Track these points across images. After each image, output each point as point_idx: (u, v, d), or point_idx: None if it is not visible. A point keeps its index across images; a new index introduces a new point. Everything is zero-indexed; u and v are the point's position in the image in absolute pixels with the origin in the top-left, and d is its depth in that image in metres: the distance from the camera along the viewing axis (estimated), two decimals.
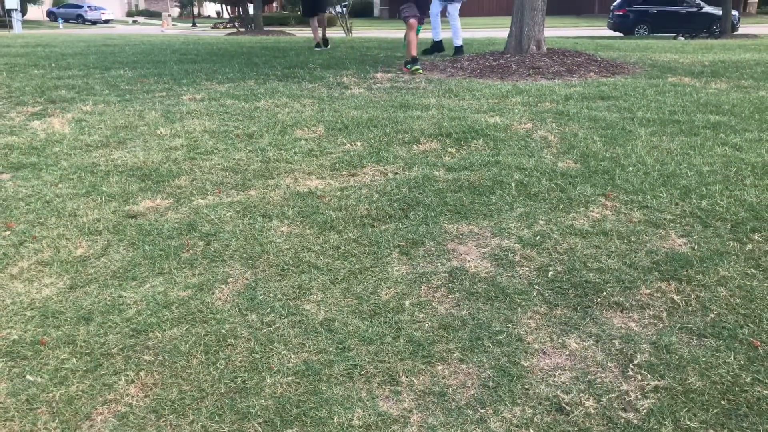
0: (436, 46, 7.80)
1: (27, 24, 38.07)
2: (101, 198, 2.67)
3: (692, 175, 2.71)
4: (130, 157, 3.16)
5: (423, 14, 6.29)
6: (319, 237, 2.28)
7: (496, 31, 12.40)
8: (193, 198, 2.66)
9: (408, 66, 6.02)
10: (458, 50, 7.37)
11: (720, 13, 22.17)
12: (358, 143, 3.36)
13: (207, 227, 2.37)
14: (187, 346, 1.67)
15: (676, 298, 1.83)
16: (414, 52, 6.05)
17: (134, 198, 2.67)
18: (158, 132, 3.63)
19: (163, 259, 2.14)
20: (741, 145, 3.12)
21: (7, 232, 2.37)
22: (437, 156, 3.13)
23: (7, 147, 3.38)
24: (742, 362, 1.55)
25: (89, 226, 2.40)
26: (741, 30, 23.16)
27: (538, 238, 2.22)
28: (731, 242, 2.13)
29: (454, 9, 7.26)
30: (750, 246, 2.10)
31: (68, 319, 1.81)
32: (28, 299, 1.92)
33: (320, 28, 9.00)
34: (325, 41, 9.09)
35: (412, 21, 6.05)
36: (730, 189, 2.55)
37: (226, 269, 2.07)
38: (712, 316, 1.74)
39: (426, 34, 7.88)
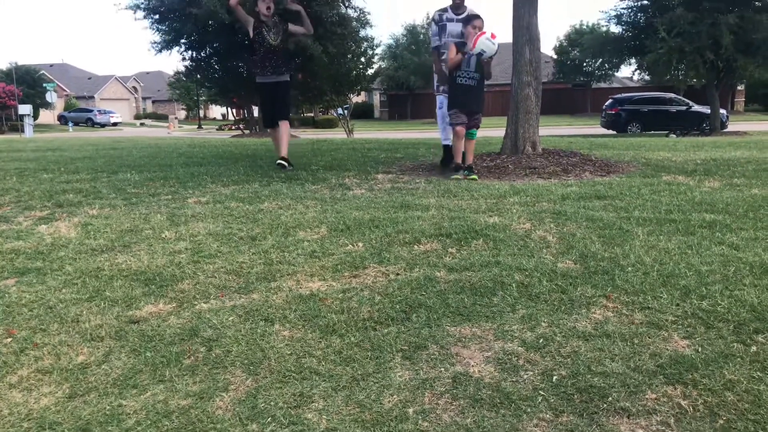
0: (449, 154, 6.50)
1: (38, 127, 39.38)
2: (104, 303, 2.68)
3: (691, 275, 2.74)
4: (135, 261, 3.20)
5: (473, 119, 5.99)
6: (321, 341, 2.28)
7: (492, 130, 12.79)
8: (195, 302, 2.67)
9: (464, 173, 5.86)
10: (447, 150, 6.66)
11: (708, 111, 22.97)
12: (360, 244, 3.40)
13: (209, 332, 2.36)
14: None
15: (683, 403, 1.80)
16: (459, 159, 5.95)
17: (137, 303, 2.68)
18: (163, 235, 3.69)
19: (164, 366, 2.12)
20: (738, 244, 3.17)
21: (9, 339, 2.36)
22: (438, 256, 3.16)
23: (13, 252, 3.43)
24: None
25: (91, 332, 2.40)
26: (730, 127, 23.88)
27: (541, 341, 2.21)
28: (735, 344, 2.12)
29: None
30: (754, 348, 2.09)
31: (66, 430, 1.78)
32: (25, 410, 1.89)
33: (282, 141, 6.55)
34: (286, 159, 6.52)
35: (459, 129, 5.92)
36: (730, 289, 2.57)
37: (227, 376, 2.05)
38: (721, 422, 1.71)
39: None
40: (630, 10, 22.85)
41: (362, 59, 24.26)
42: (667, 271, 2.80)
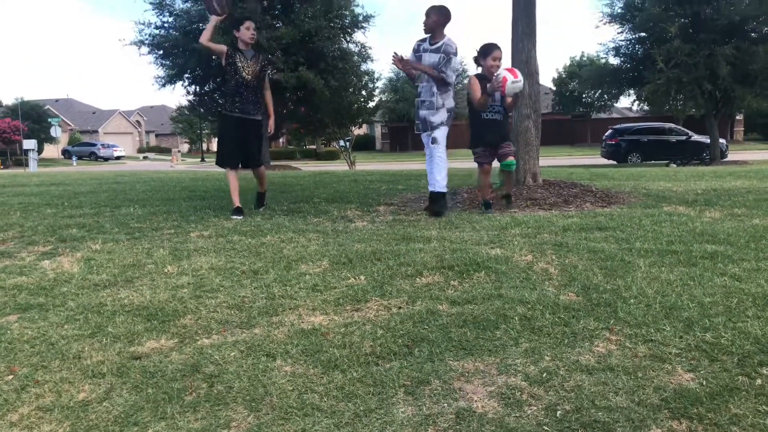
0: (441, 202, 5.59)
1: (42, 162, 39.71)
2: (106, 339, 2.67)
3: (694, 307, 2.73)
4: (137, 296, 3.20)
5: (503, 149, 5.65)
6: (323, 377, 2.27)
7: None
8: (197, 338, 2.66)
9: (505, 202, 5.85)
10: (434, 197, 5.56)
11: (708, 141, 23.11)
12: (362, 277, 3.41)
13: (211, 368, 2.36)
14: None
15: None
16: (487, 195, 5.75)
17: (139, 338, 2.67)
18: (165, 270, 3.69)
19: (165, 403, 2.11)
20: (740, 275, 3.16)
21: (10, 377, 2.36)
22: (440, 289, 3.16)
23: (16, 287, 3.43)
24: None
25: (93, 368, 2.39)
26: (730, 157, 24.01)
27: (544, 375, 2.20)
28: (740, 377, 2.10)
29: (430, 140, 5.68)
30: (759, 381, 2.07)
31: None
32: None
33: (258, 182, 6.18)
34: (261, 199, 6.22)
35: (486, 167, 5.72)
36: (733, 321, 2.56)
37: (229, 413, 2.04)
38: None
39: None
40: (628, 42, 23.18)
41: (363, 92, 24.58)
42: (670, 302, 2.80)
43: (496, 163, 5.80)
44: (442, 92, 5.53)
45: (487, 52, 5.57)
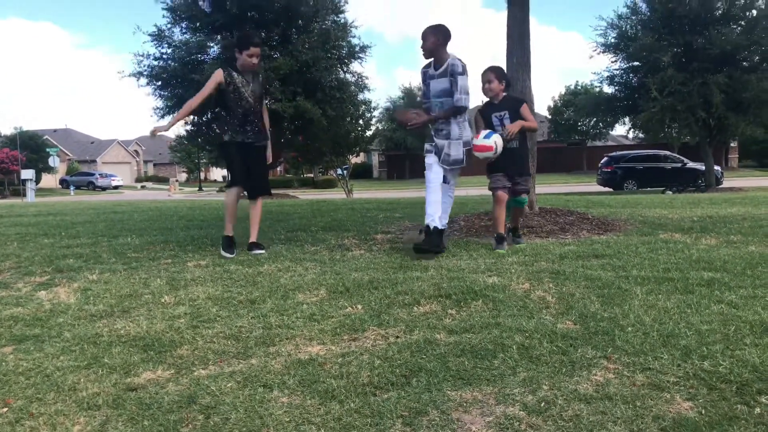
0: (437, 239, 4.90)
1: (40, 191, 39.76)
2: (102, 370, 2.66)
3: (692, 335, 2.73)
4: (134, 327, 3.18)
5: (520, 182, 5.26)
6: (320, 407, 2.25)
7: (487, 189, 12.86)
8: (194, 368, 2.65)
9: (513, 239, 5.41)
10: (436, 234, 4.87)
11: (703, 168, 23.28)
12: (359, 306, 3.40)
13: (207, 399, 2.34)
14: None
15: None
16: (501, 229, 5.15)
17: (135, 369, 2.66)
18: (162, 300, 3.68)
19: None
20: (737, 303, 3.17)
21: (5, 409, 2.33)
22: (438, 318, 3.16)
23: (12, 318, 3.42)
24: None
25: (88, 400, 2.37)
26: (725, 183, 24.16)
27: (542, 404, 2.19)
28: (739, 406, 2.10)
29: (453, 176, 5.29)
30: (758, 410, 2.07)
31: None
32: None
33: (254, 222, 5.45)
34: (256, 245, 5.34)
35: (500, 194, 5.14)
36: (731, 349, 2.56)
37: None
38: None
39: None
40: (622, 72, 23.48)
41: (361, 121, 24.76)
42: (667, 330, 2.79)
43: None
44: (459, 120, 5.01)
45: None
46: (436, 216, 4.90)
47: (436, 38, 4.91)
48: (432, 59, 5.02)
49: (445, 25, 4.97)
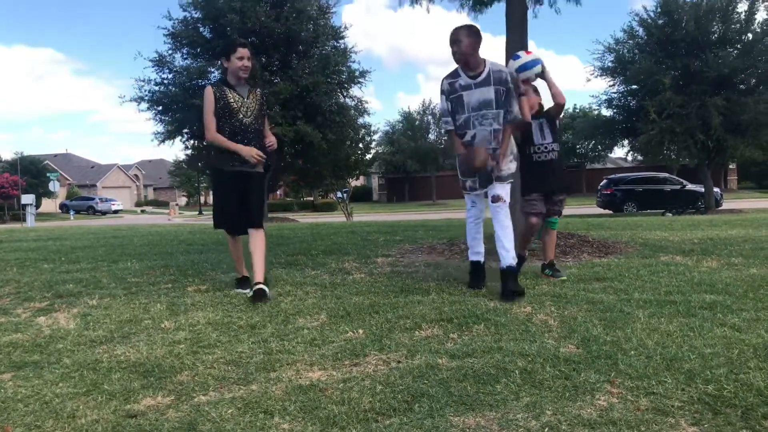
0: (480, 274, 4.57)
1: (40, 216, 39.78)
2: (102, 397, 2.63)
3: (695, 359, 2.71)
4: (134, 353, 3.16)
5: (556, 203, 4.84)
6: None
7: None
8: (194, 395, 2.62)
9: (547, 272, 4.85)
10: (509, 274, 4.17)
11: (703, 190, 23.32)
12: (360, 331, 3.38)
13: (208, 426, 2.32)
14: None
15: None
16: (524, 251, 4.83)
17: (135, 396, 2.63)
18: (162, 325, 3.67)
19: None
20: (740, 326, 3.15)
21: None
22: (439, 342, 3.14)
23: (11, 345, 3.40)
24: None
25: (87, 428, 2.35)
26: (725, 205, 24.19)
27: (546, 430, 2.16)
28: (744, 430, 2.08)
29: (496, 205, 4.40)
30: None
31: None
32: None
33: (257, 259, 4.43)
34: (259, 294, 4.22)
35: (535, 221, 4.69)
36: (735, 373, 2.54)
37: None
38: None
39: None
40: (620, 95, 23.65)
41: (360, 145, 24.89)
42: (671, 354, 2.78)
43: None
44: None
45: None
46: (508, 256, 4.22)
47: (469, 40, 4.14)
48: (460, 67, 4.27)
49: (476, 26, 4.25)
